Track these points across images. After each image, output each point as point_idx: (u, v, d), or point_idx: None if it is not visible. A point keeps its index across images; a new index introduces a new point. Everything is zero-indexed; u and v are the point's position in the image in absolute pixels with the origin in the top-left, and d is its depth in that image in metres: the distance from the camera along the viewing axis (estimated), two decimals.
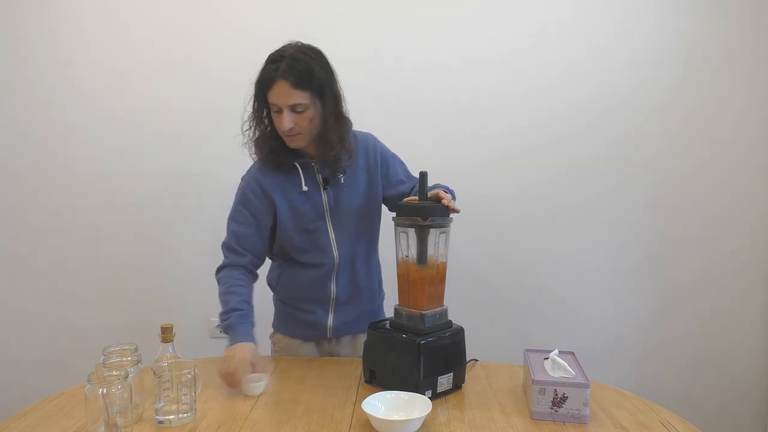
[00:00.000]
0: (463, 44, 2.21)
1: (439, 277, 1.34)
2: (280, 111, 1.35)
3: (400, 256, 1.36)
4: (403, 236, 1.34)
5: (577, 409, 1.15)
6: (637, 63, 2.19)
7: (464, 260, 2.19)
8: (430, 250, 1.32)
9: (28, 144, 2.25)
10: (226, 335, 1.37)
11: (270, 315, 1.67)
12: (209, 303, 2.27)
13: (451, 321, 1.36)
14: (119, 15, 2.20)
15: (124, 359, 1.16)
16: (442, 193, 1.34)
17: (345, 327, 1.56)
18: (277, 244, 1.52)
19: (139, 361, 1.16)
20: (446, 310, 1.36)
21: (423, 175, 1.33)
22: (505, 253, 2.28)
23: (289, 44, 1.38)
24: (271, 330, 1.66)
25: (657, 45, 2.19)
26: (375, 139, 1.56)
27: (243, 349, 1.30)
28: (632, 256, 2.27)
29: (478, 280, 2.26)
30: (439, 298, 1.36)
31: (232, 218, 1.49)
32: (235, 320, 1.36)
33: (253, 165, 1.52)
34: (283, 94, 1.32)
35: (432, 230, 1.31)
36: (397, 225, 1.35)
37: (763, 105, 2.19)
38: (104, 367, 1.10)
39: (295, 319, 1.58)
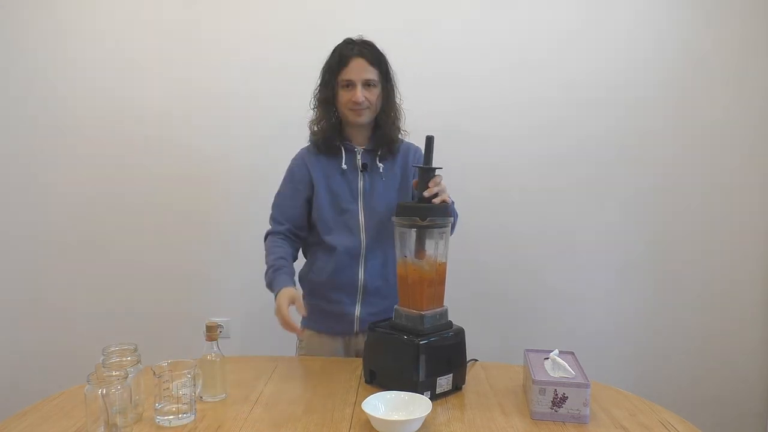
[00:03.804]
0: (467, 45, 2.21)
1: (438, 278, 1.34)
2: (353, 86, 1.48)
3: (399, 256, 1.36)
4: (402, 236, 1.34)
5: (577, 409, 1.15)
6: (642, 59, 2.20)
7: (465, 261, 2.19)
8: (430, 251, 1.32)
9: (30, 143, 2.25)
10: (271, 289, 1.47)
11: (298, 315, 1.67)
12: (209, 303, 2.30)
13: (451, 322, 1.36)
14: (122, 15, 2.21)
15: (124, 359, 1.16)
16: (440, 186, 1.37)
17: (372, 320, 1.56)
18: (312, 221, 1.61)
19: (138, 361, 1.16)
20: (446, 310, 1.36)
21: (430, 140, 1.36)
22: (505, 254, 2.28)
23: (351, 38, 1.54)
24: (299, 328, 1.66)
25: (664, 44, 2.19)
26: (418, 148, 1.67)
27: (281, 296, 1.40)
28: (631, 255, 2.27)
29: (478, 280, 2.27)
30: (439, 298, 1.35)
31: (279, 191, 1.64)
32: (270, 276, 1.49)
33: (301, 149, 1.65)
34: (360, 69, 1.48)
35: (431, 231, 1.31)
36: (396, 225, 1.35)
37: (760, 102, 2.19)
38: (104, 367, 1.10)
39: (323, 312, 1.59)
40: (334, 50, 1.54)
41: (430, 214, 1.29)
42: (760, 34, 2.17)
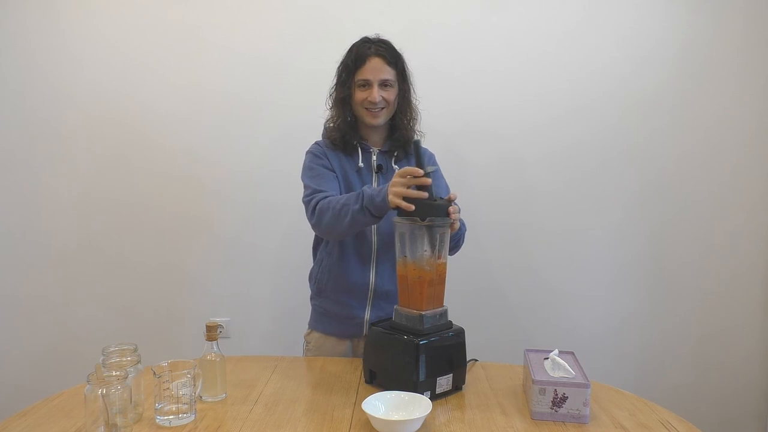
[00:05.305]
0: (467, 45, 2.21)
1: (438, 278, 1.33)
2: (369, 86, 1.48)
3: (399, 255, 1.36)
4: (402, 236, 1.34)
5: (577, 409, 1.15)
6: (642, 59, 2.20)
7: (464, 261, 2.19)
8: (430, 251, 1.32)
9: (30, 143, 2.24)
10: (376, 204, 1.33)
11: (306, 316, 1.68)
12: (209, 303, 2.30)
13: (451, 322, 1.36)
14: (124, 17, 2.20)
15: (124, 359, 1.16)
16: (453, 197, 1.35)
17: None
18: None
19: (138, 361, 1.16)
20: (446, 310, 1.36)
21: (416, 144, 1.35)
22: (504, 253, 2.28)
23: (368, 37, 1.53)
24: (307, 330, 1.67)
25: (664, 44, 2.19)
26: (433, 156, 1.67)
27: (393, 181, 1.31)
28: (631, 255, 2.27)
29: (479, 280, 2.27)
30: (439, 298, 1.35)
31: (307, 176, 1.54)
32: (365, 191, 1.36)
33: (314, 142, 1.61)
34: (377, 68, 1.48)
35: (431, 230, 1.31)
36: (396, 225, 1.35)
37: (761, 101, 2.19)
38: (104, 367, 1.10)
39: (332, 314, 1.59)
40: (351, 49, 1.52)
41: (430, 214, 1.29)
42: (761, 35, 2.17)
